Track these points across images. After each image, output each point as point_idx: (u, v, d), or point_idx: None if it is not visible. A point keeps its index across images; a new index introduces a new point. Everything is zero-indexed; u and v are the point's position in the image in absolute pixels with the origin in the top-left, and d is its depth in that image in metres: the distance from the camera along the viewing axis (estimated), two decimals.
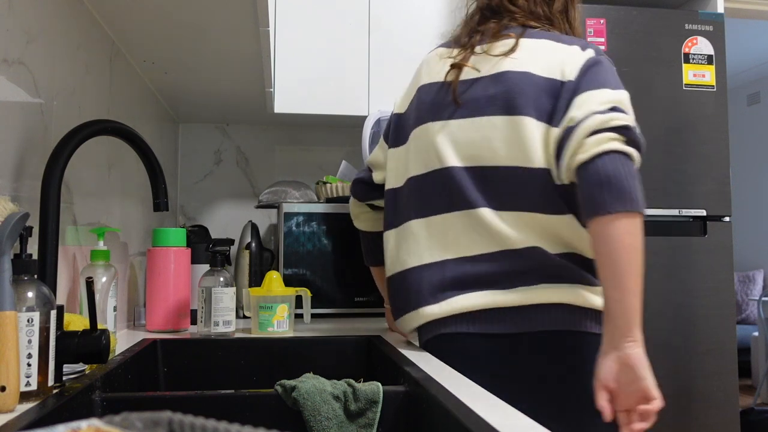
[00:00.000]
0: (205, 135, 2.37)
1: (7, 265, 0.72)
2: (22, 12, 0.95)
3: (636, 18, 2.05)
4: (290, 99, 2.04)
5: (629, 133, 1.05)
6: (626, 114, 1.07)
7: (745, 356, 4.78)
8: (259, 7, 1.24)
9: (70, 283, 1.17)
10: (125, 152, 1.50)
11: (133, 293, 1.63)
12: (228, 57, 1.57)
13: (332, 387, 0.92)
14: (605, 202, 1.01)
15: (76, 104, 1.19)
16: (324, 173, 2.24)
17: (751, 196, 5.72)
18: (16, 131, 0.94)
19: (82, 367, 0.93)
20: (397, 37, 2.11)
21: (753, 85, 5.87)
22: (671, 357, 1.96)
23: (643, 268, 1.02)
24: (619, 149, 1.02)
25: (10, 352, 0.70)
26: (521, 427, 0.68)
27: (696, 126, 2.06)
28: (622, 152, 1.03)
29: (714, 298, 2.02)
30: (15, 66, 0.92)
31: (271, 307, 1.44)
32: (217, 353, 1.34)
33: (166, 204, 1.08)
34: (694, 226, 2.06)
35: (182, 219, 2.34)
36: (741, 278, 5.54)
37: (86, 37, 1.25)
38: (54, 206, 0.91)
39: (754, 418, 3.23)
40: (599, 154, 1.03)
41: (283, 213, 1.85)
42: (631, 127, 1.05)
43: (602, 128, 1.04)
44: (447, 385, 0.86)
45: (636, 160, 1.05)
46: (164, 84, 1.81)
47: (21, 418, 0.68)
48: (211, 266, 1.44)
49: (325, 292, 1.85)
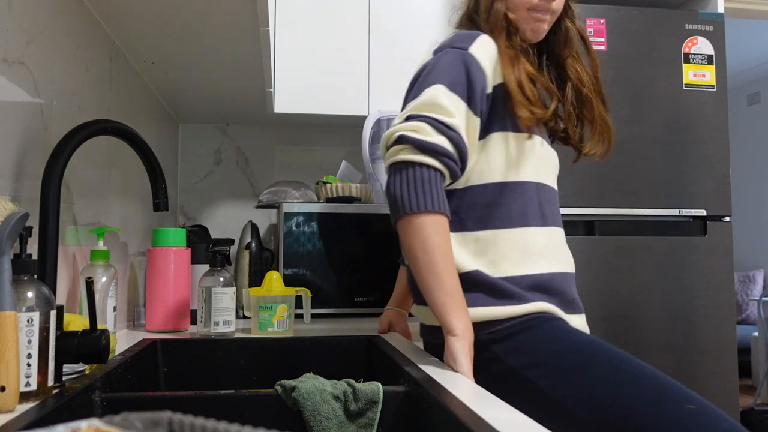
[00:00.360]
0: (205, 135, 2.37)
1: (7, 265, 0.72)
2: (22, 12, 0.95)
3: (636, 18, 2.05)
4: (290, 99, 2.04)
5: (407, 140, 1.07)
6: (410, 122, 1.09)
7: (745, 356, 4.78)
8: (259, 7, 1.24)
9: (70, 283, 1.17)
10: (125, 152, 1.50)
11: (133, 293, 1.63)
12: (228, 57, 1.57)
13: (332, 387, 0.92)
14: (391, 216, 1.10)
15: (76, 104, 1.19)
16: (324, 173, 2.24)
17: (751, 196, 5.72)
18: (16, 131, 0.94)
19: (82, 367, 0.93)
20: (397, 37, 2.11)
21: (753, 85, 5.87)
22: (671, 357, 1.96)
23: (432, 265, 1.05)
24: (399, 160, 1.07)
25: (10, 352, 0.70)
26: (521, 427, 0.68)
27: (696, 126, 2.06)
28: (403, 161, 1.07)
29: (714, 298, 2.02)
30: (15, 66, 0.92)
31: (271, 307, 1.44)
32: (217, 353, 1.34)
33: (166, 204, 1.08)
34: (694, 226, 2.06)
35: (182, 219, 2.34)
36: (741, 278, 5.54)
37: (86, 37, 1.25)
38: (54, 206, 0.91)
39: (754, 418, 3.23)
40: (387, 168, 1.11)
41: (283, 213, 1.85)
42: (404, 136, 1.07)
43: (390, 144, 1.10)
44: (447, 385, 0.86)
45: (422, 161, 1.06)
46: (164, 84, 1.81)
47: (21, 418, 0.68)
48: (211, 266, 1.44)
49: (325, 292, 1.85)
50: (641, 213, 2.01)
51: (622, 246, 1.99)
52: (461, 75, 1.13)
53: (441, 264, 1.05)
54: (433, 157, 1.07)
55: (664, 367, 1.94)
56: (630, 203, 2.00)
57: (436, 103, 1.10)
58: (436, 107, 1.10)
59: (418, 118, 1.09)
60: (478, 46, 1.16)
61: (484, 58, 1.16)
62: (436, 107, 1.10)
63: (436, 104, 1.10)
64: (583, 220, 1.99)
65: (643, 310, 1.97)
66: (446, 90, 1.11)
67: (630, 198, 2.00)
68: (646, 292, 1.98)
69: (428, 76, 1.15)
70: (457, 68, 1.14)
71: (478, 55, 1.15)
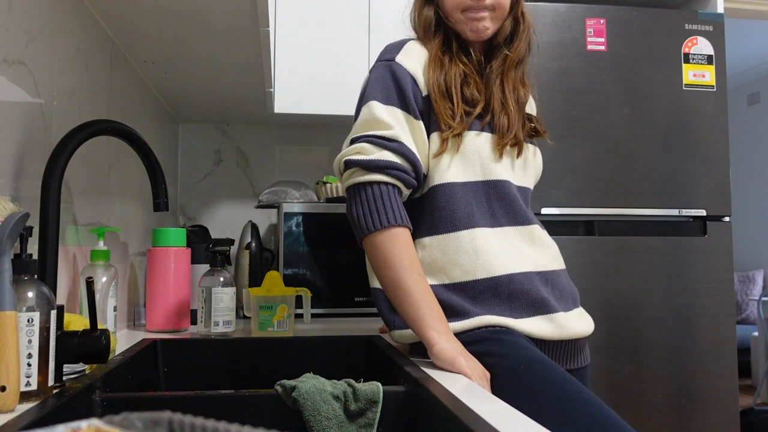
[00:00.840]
0: (205, 135, 2.37)
1: (8, 265, 0.72)
2: (22, 12, 0.95)
3: (636, 18, 2.05)
4: (290, 99, 2.04)
5: (353, 163, 1.10)
6: (354, 145, 1.11)
7: (745, 356, 4.78)
8: (259, 7, 1.24)
9: (70, 283, 1.17)
10: (125, 152, 1.50)
11: (133, 293, 1.63)
12: (228, 57, 1.57)
13: (332, 387, 0.92)
14: (356, 239, 1.12)
15: (76, 104, 1.19)
16: (324, 173, 2.24)
17: (751, 196, 5.72)
18: (16, 131, 0.94)
19: (82, 367, 0.93)
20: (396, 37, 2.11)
21: (753, 85, 5.87)
22: (671, 357, 1.96)
23: (397, 280, 1.06)
24: (352, 183, 1.11)
25: (10, 352, 0.70)
26: (521, 427, 0.68)
27: (696, 126, 2.06)
28: (355, 184, 1.10)
29: (714, 298, 2.02)
30: (15, 66, 0.92)
31: (271, 307, 1.44)
32: (217, 353, 1.34)
33: (166, 204, 1.08)
34: (694, 226, 2.06)
35: (182, 219, 2.34)
36: (741, 278, 5.54)
37: (86, 37, 1.25)
38: (54, 206, 0.91)
39: (754, 418, 3.23)
40: (345, 194, 1.15)
41: (283, 213, 1.85)
42: (349, 160, 1.10)
43: (341, 171, 1.14)
44: (447, 385, 0.86)
45: (371, 180, 1.08)
46: (164, 84, 1.81)
47: (21, 418, 0.68)
48: (211, 266, 1.44)
49: (324, 292, 1.85)
50: (641, 213, 2.01)
51: (622, 246, 1.98)
52: (390, 84, 1.15)
53: (405, 277, 1.05)
54: (380, 172, 1.09)
55: (664, 367, 1.95)
56: (630, 203, 2.00)
57: (372, 119, 1.12)
58: (374, 123, 1.12)
59: (360, 140, 1.12)
60: (404, 54, 1.18)
61: (412, 64, 1.17)
62: (373, 123, 1.12)
63: (373, 120, 1.12)
64: (583, 220, 1.99)
65: (643, 310, 1.97)
66: (380, 104, 1.13)
67: (630, 198, 2.00)
68: (646, 292, 1.98)
69: (363, 95, 1.18)
70: (386, 79, 1.16)
71: (404, 62, 1.17)
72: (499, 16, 1.20)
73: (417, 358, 1.08)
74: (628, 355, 1.93)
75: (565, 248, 1.45)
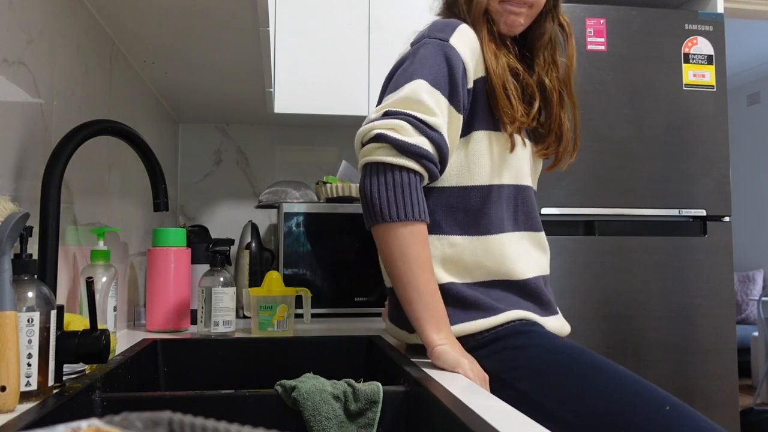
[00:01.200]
0: (205, 135, 2.37)
1: (7, 265, 0.72)
2: (22, 12, 0.95)
3: (636, 18, 2.05)
4: (290, 99, 2.04)
5: (386, 139, 1.01)
6: (388, 119, 1.02)
7: (745, 356, 4.77)
8: (259, 7, 1.24)
9: (70, 283, 1.17)
10: (125, 152, 1.50)
11: (133, 293, 1.63)
12: (228, 57, 1.57)
13: (332, 387, 0.92)
14: (365, 219, 1.05)
15: (76, 104, 1.19)
16: (324, 173, 2.24)
17: (751, 196, 5.72)
18: (16, 131, 0.94)
19: (82, 367, 0.93)
20: (397, 37, 2.10)
21: (753, 85, 5.86)
22: (671, 357, 1.96)
23: (410, 276, 1.02)
24: (377, 161, 1.01)
25: (10, 352, 0.70)
26: (522, 427, 0.68)
27: (696, 126, 2.06)
28: (381, 163, 1.01)
29: (714, 298, 2.02)
30: (15, 66, 0.92)
31: (271, 307, 1.44)
32: (217, 353, 1.34)
33: (166, 204, 1.08)
34: (694, 226, 2.06)
35: (182, 219, 2.34)
36: (741, 278, 5.54)
37: (86, 37, 1.25)
38: (54, 206, 0.91)
39: (754, 418, 3.23)
40: (362, 167, 1.05)
41: (283, 213, 1.85)
42: (383, 134, 1.01)
43: (366, 140, 1.04)
44: (447, 385, 0.86)
45: (402, 165, 1.01)
46: (164, 84, 1.81)
47: (21, 418, 0.68)
48: (211, 266, 1.44)
49: (325, 292, 1.85)
50: (641, 213, 2.01)
51: (622, 246, 1.99)
52: (442, 69, 1.07)
53: (419, 275, 1.01)
54: (413, 159, 1.01)
55: (664, 367, 1.95)
56: (630, 203, 2.00)
57: (417, 99, 1.03)
58: (418, 104, 1.03)
59: (398, 116, 1.02)
60: (457, 38, 1.10)
61: (465, 50, 1.09)
62: (417, 104, 1.03)
63: (418, 101, 1.03)
64: (583, 220, 1.99)
65: (643, 310, 1.97)
66: (428, 85, 1.04)
67: (630, 198, 2.00)
68: (646, 292, 1.98)
69: (408, 69, 1.08)
70: (437, 61, 1.07)
71: (458, 47, 1.09)
72: (533, 14, 1.17)
73: (417, 359, 1.08)
74: (628, 355, 1.93)
75: (565, 248, 1.46)
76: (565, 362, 1.01)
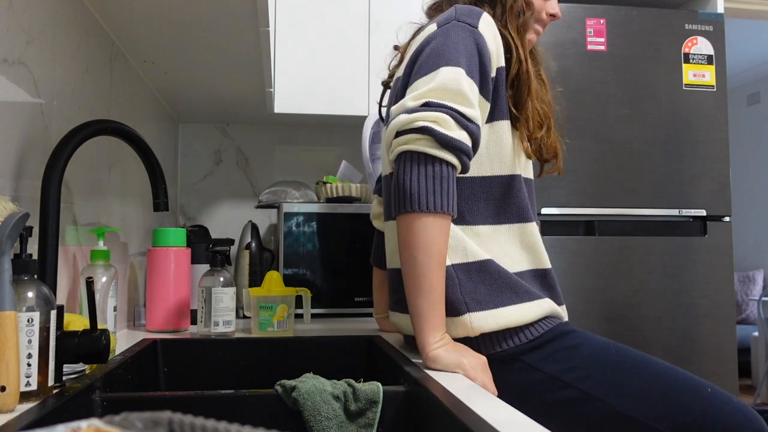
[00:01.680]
0: (205, 135, 2.37)
1: (7, 265, 0.72)
2: (22, 12, 0.95)
3: (636, 18, 2.05)
4: (290, 99, 2.04)
5: (429, 131, 1.00)
6: (431, 112, 1.01)
7: (745, 356, 4.77)
8: (259, 7, 1.24)
9: (70, 283, 1.17)
10: (125, 152, 1.50)
11: (133, 293, 1.63)
12: (228, 57, 1.57)
13: (332, 387, 0.92)
14: (392, 205, 1.04)
15: (76, 104, 1.19)
16: (324, 173, 2.24)
17: (751, 196, 5.72)
18: (16, 131, 0.94)
19: (82, 367, 0.93)
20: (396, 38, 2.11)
21: (753, 85, 5.86)
22: (671, 357, 1.96)
23: (427, 269, 1.00)
24: (417, 150, 1.00)
25: (10, 352, 0.70)
26: (522, 427, 0.68)
27: (696, 126, 2.06)
28: (421, 153, 1.00)
29: (714, 298, 2.02)
30: (15, 66, 0.92)
31: (271, 307, 1.44)
32: (217, 353, 1.34)
33: (166, 204, 1.08)
34: (694, 226, 2.06)
35: (182, 219, 2.34)
36: (741, 278, 5.54)
37: (86, 37, 1.25)
38: (54, 206, 0.91)
39: None
40: (397, 155, 1.03)
41: (283, 213, 1.85)
42: (429, 128, 1.00)
43: (405, 129, 1.02)
44: (447, 385, 0.86)
45: (442, 157, 1.00)
46: (164, 84, 1.81)
47: (21, 418, 0.68)
48: (211, 266, 1.44)
49: (325, 292, 1.85)
50: (641, 213, 2.01)
51: (622, 246, 1.99)
52: (475, 57, 1.07)
53: (436, 272, 1.01)
54: (453, 153, 1.00)
55: None
56: (630, 203, 2.00)
57: (457, 90, 1.02)
58: (458, 95, 1.02)
59: (441, 109, 1.01)
60: (484, 24, 1.10)
61: (490, 38, 1.10)
62: (457, 95, 1.02)
63: (458, 92, 1.02)
64: (583, 220, 1.99)
65: (643, 310, 1.97)
66: (465, 74, 1.04)
67: (630, 198, 2.00)
68: (646, 292, 1.98)
69: (442, 52, 1.06)
70: (470, 48, 1.07)
71: (485, 33, 1.10)
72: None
73: (417, 359, 1.08)
74: None
75: (565, 248, 1.46)
76: (616, 358, 1.06)
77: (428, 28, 1.15)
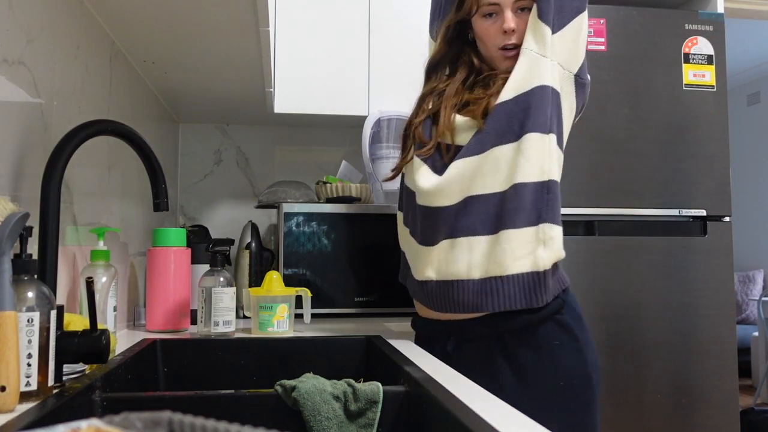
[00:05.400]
0: (205, 135, 2.37)
1: (7, 265, 0.72)
2: (22, 12, 0.95)
3: (636, 18, 2.05)
4: (290, 99, 2.04)
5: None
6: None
7: (745, 356, 4.77)
8: (259, 7, 1.24)
9: (70, 283, 1.17)
10: (125, 152, 1.50)
11: (133, 293, 1.63)
12: (228, 57, 1.57)
13: (332, 387, 0.92)
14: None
15: (76, 104, 1.19)
16: (324, 173, 2.24)
17: (751, 196, 5.72)
18: (16, 131, 0.94)
19: (82, 367, 0.93)
20: (397, 37, 2.11)
21: (753, 85, 5.86)
22: (671, 357, 1.96)
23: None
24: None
25: (10, 352, 0.70)
26: (521, 427, 0.68)
27: (696, 126, 2.06)
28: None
29: (714, 298, 2.02)
30: (15, 66, 0.92)
31: (271, 307, 1.44)
32: (217, 353, 1.34)
33: (166, 204, 1.08)
34: (694, 226, 2.06)
35: (182, 219, 2.34)
36: (741, 278, 5.54)
37: (86, 37, 1.25)
38: (54, 206, 0.91)
39: (754, 418, 3.23)
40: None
41: (283, 213, 1.85)
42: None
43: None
44: (447, 385, 0.86)
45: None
46: (164, 84, 1.81)
47: (21, 418, 0.68)
48: (211, 266, 1.44)
49: (325, 292, 1.85)
50: (641, 213, 2.01)
51: (622, 246, 1.98)
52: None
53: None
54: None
55: (664, 367, 1.95)
56: (630, 203, 2.00)
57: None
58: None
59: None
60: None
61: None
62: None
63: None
64: (583, 220, 1.99)
65: (643, 310, 1.97)
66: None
67: (630, 198, 2.00)
68: (646, 292, 1.98)
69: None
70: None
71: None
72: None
73: (417, 359, 1.08)
74: (628, 355, 1.93)
75: (565, 248, 1.46)
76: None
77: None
